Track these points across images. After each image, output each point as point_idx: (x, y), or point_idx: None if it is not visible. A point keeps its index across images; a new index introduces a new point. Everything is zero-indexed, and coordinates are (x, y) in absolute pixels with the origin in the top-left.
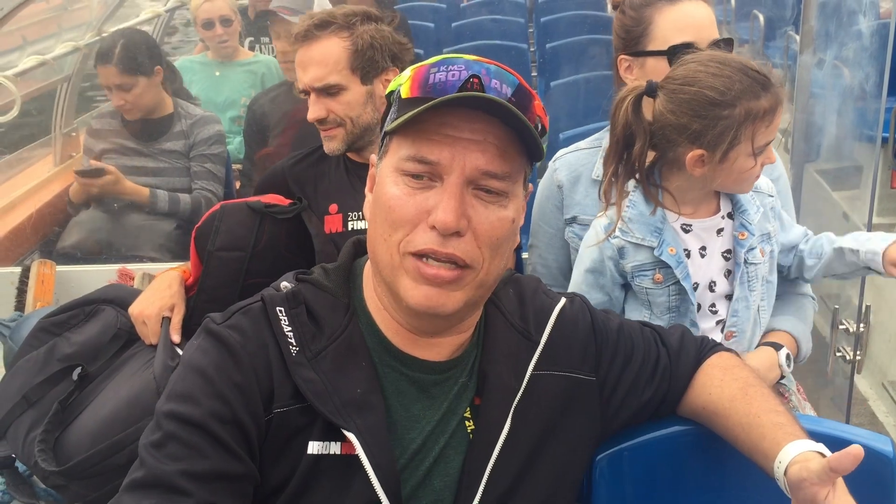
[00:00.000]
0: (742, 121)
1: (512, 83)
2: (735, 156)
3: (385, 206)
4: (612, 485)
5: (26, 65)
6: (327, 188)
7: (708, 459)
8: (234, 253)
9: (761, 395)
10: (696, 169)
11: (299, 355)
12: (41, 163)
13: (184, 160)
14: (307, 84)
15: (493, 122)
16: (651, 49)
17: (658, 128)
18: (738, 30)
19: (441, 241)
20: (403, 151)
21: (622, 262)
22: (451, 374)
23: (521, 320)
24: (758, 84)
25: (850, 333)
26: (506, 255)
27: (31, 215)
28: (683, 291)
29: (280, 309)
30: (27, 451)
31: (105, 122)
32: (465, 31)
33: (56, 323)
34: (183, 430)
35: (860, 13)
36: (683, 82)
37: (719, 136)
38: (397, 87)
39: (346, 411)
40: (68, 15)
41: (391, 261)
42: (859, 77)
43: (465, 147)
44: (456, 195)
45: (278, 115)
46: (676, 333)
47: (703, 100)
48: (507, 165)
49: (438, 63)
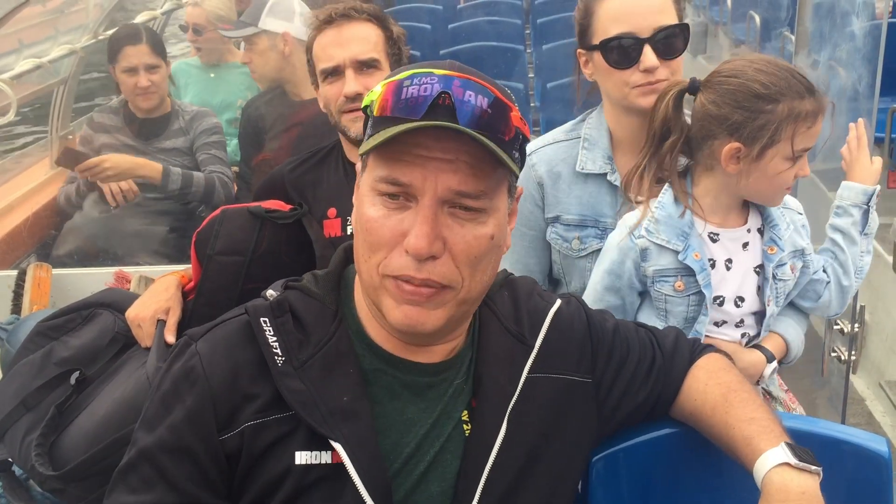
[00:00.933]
0: (784, 118)
1: (481, 91)
2: (772, 155)
3: (364, 227)
4: (608, 486)
5: (22, 68)
6: (326, 192)
7: (704, 460)
8: (234, 257)
9: (740, 402)
10: (730, 164)
11: (286, 365)
12: (38, 166)
13: (184, 157)
14: (349, 57)
15: (465, 139)
16: (594, 43)
17: (697, 122)
18: (734, 31)
19: (416, 266)
20: (378, 172)
21: (644, 265)
22: (445, 376)
23: (515, 324)
24: (803, 86)
25: (844, 334)
26: (489, 269)
27: (28, 218)
28: (703, 302)
29: (264, 319)
30: (24, 456)
31: (107, 117)
32: (462, 33)
33: (53, 327)
34: (139, 460)
35: (853, 14)
36: (729, 74)
37: (759, 130)
38: (370, 102)
39: (333, 420)
40: (65, 18)
41: (372, 281)
42: (853, 78)
43: (437, 167)
44: (429, 218)
45: (274, 118)
46: (671, 335)
47: (747, 91)
48: (481, 184)
49: (411, 76)
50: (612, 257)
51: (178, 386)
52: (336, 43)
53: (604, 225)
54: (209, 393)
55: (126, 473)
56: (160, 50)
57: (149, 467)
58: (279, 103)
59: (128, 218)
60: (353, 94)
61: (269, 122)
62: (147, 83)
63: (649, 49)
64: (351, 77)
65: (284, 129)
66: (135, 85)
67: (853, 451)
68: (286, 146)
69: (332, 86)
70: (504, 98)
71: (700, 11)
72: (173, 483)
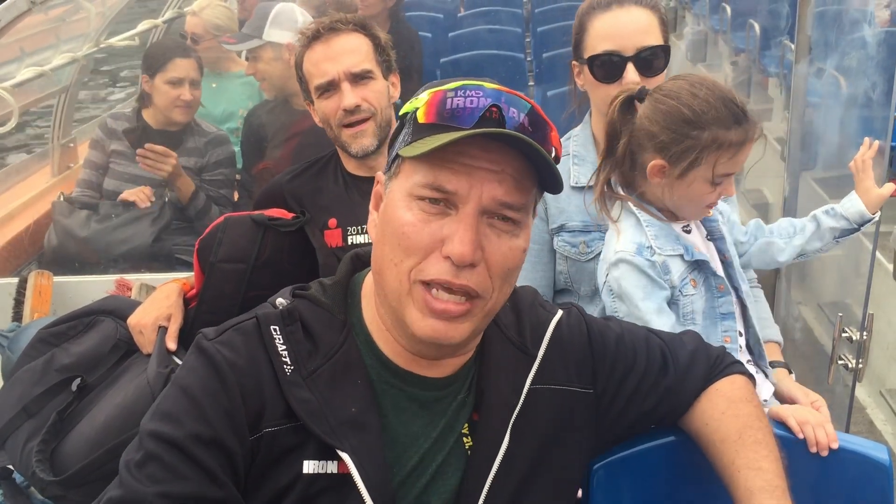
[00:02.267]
0: (707, 145)
1: (525, 109)
2: (693, 177)
3: (398, 231)
4: (609, 494)
5: (24, 76)
6: (326, 202)
7: (704, 469)
8: (236, 265)
9: (754, 443)
10: (654, 178)
11: (294, 374)
12: (39, 173)
13: (192, 176)
14: (343, 70)
15: (511, 152)
16: (585, 57)
17: (636, 132)
18: (734, 39)
19: (455, 272)
20: (418, 178)
21: (665, 279)
22: (451, 390)
23: (517, 335)
24: (732, 117)
25: (852, 342)
26: (513, 282)
27: (29, 226)
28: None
29: (275, 328)
30: (25, 462)
31: (120, 124)
32: (462, 42)
33: (55, 334)
34: (164, 450)
35: (864, 22)
36: (667, 94)
37: (682, 153)
38: (413, 109)
39: (341, 431)
40: (66, 26)
41: (399, 287)
42: (864, 85)
43: (483, 177)
44: (472, 226)
45: (276, 127)
46: (688, 348)
47: (677, 114)
48: (522, 197)
49: (456, 88)
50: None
51: (206, 382)
52: (327, 58)
53: (605, 227)
54: (239, 393)
55: (143, 465)
56: (202, 67)
57: (177, 458)
58: (281, 112)
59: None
60: (352, 107)
61: (270, 130)
62: (190, 97)
63: (632, 67)
64: (348, 90)
65: (286, 139)
66: (177, 97)
67: (854, 458)
68: (287, 155)
69: (329, 101)
70: (545, 117)
71: (700, 20)
72: (212, 474)
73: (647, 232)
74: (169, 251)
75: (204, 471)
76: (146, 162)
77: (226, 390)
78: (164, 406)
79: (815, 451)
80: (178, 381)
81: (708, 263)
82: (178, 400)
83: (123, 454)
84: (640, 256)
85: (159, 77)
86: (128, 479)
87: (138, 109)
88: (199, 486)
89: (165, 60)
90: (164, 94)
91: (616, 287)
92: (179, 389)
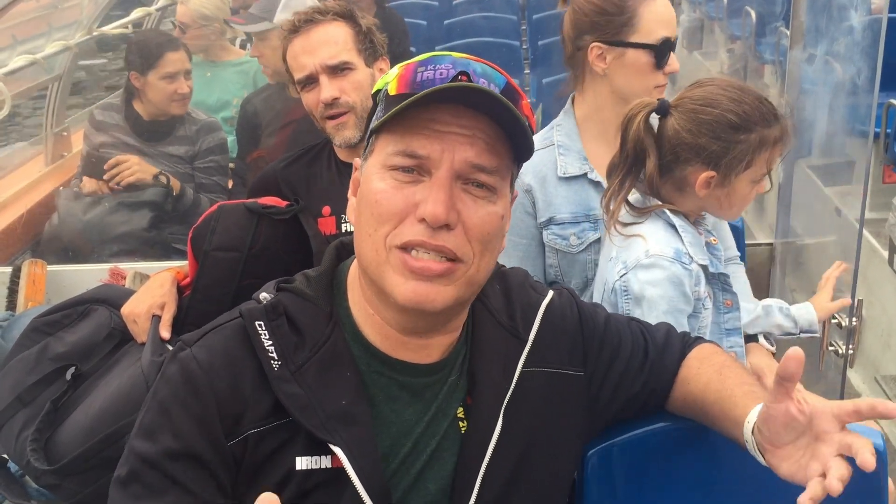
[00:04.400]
0: (756, 147)
1: (500, 82)
2: (741, 180)
3: (371, 200)
4: (602, 480)
5: (16, 64)
6: (319, 190)
7: (699, 454)
8: (230, 253)
9: (735, 374)
10: (702, 190)
11: (282, 369)
12: (32, 162)
13: (184, 165)
14: (319, 63)
15: (482, 117)
16: (635, 41)
17: (669, 146)
18: (730, 26)
19: (431, 233)
20: (391, 147)
21: (696, 290)
22: (440, 375)
23: (508, 318)
24: (771, 114)
25: (842, 328)
26: (495, 253)
27: (23, 215)
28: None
29: (260, 323)
30: (20, 451)
31: (108, 115)
32: (457, 29)
33: (49, 323)
34: (142, 468)
35: (851, 8)
36: (704, 103)
37: (735, 160)
38: (384, 85)
39: (332, 424)
40: (59, 13)
41: (376, 256)
42: (851, 72)
43: (455, 140)
44: (445, 187)
45: (271, 115)
46: (662, 329)
47: (724, 122)
48: (495, 160)
49: (426, 61)
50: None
51: (178, 392)
52: (305, 51)
53: (594, 217)
54: (213, 399)
55: (127, 484)
56: (190, 56)
57: (154, 475)
58: (276, 100)
59: (109, 210)
60: (329, 100)
61: (265, 118)
62: (187, 89)
63: (673, 55)
64: (325, 83)
65: (280, 126)
66: (174, 91)
67: None
68: (282, 143)
69: (311, 94)
70: (516, 85)
71: (696, 7)
72: (186, 487)
73: (684, 237)
74: (165, 239)
75: (178, 485)
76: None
77: (198, 398)
78: (144, 420)
79: None
80: (155, 392)
81: (727, 278)
82: (153, 413)
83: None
84: (679, 263)
85: (153, 74)
86: (115, 497)
87: (127, 100)
88: (178, 501)
89: (157, 56)
90: (159, 90)
91: (638, 289)
92: (155, 402)
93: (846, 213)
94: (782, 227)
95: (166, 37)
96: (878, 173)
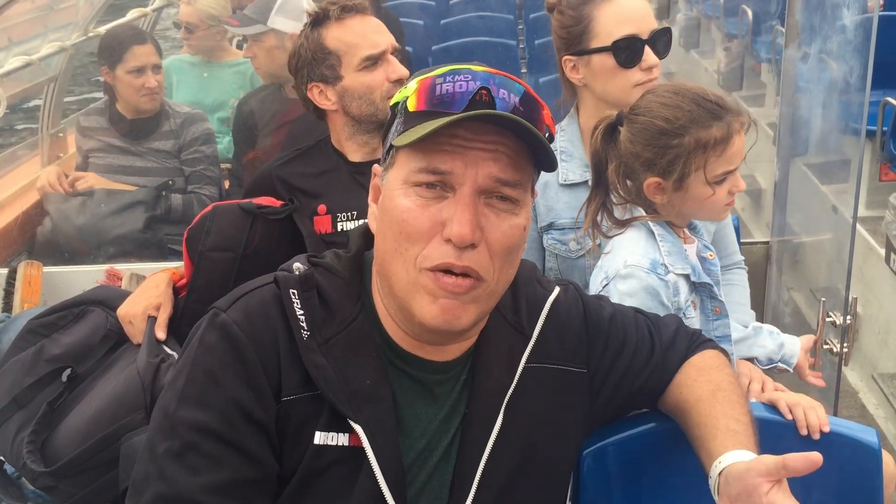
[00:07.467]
0: (692, 149)
1: (518, 91)
2: (691, 184)
3: (397, 219)
4: (598, 480)
5: (12, 65)
6: (315, 189)
7: (693, 454)
8: (225, 254)
9: (728, 401)
10: (655, 196)
11: (310, 340)
12: (28, 164)
13: (172, 160)
14: (390, 43)
15: (504, 133)
16: (594, 46)
17: (623, 158)
18: (726, 25)
19: (457, 254)
20: (413, 164)
21: (674, 301)
22: (453, 374)
23: (513, 314)
24: (709, 114)
25: (836, 326)
26: (515, 263)
27: (18, 217)
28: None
29: (293, 291)
30: (16, 453)
31: (93, 120)
32: (454, 28)
33: (44, 324)
34: (200, 438)
35: (844, 6)
36: (639, 112)
37: (670, 165)
38: (403, 98)
39: (355, 401)
40: (54, 15)
41: (408, 277)
42: (844, 70)
43: (478, 156)
44: (470, 206)
45: (268, 116)
46: (672, 326)
47: (652, 129)
48: (518, 173)
49: (444, 74)
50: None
51: (225, 358)
52: (373, 30)
53: None
54: (258, 360)
55: (181, 455)
56: (160, 50)
57: (212, 444)
58: (272, 101)
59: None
60: (405, 77)
61: (261, 119)
62: (155, 83)
63: (649, 49)
64: (395, 61)
65: (276, 127)
66: (142, 85)
67: (843, 441)
68: (278, 143)
69: (374, 73)
70: (535, 95)
71: (693, 6)
72: (248, 454)
73: (661, 247)
74: (161, 240)
75: (242, 453)
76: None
77: (245, 363)
78: (190, 391)
79: (806, 433)
80: (197, 361)
81: (712, 287)
82: (203, 383)
83: (148, 439)
84: (654, 274)
85: (120, 68)
86: (169, 471)
87: (110, 102)
88: (240, 469)
89: (123, 50)
90: (127, 84)
91: (617, 300)
92: (201, 370)
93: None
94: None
95: (133, 30)
96: (874, 171)
